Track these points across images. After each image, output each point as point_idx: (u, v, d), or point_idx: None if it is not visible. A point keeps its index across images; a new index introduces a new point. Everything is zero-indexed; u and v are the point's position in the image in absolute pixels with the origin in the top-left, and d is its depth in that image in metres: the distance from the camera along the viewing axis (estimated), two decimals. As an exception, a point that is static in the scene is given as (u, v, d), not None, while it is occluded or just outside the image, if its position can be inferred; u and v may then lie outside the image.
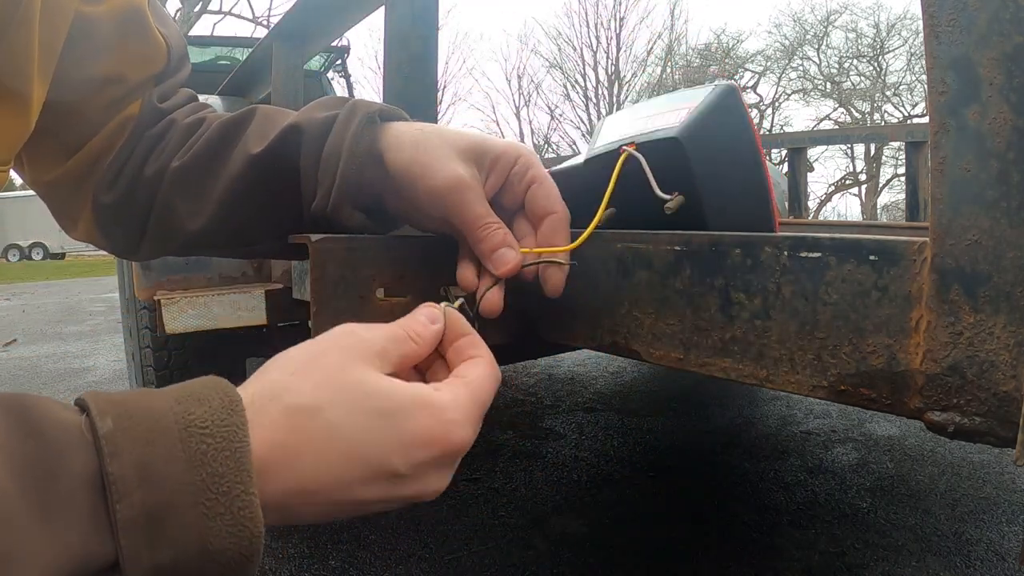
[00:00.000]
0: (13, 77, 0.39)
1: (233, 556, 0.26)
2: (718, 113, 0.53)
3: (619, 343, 0.46)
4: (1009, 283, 0.29)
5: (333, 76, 4.17)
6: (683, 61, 18.55)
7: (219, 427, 0.27)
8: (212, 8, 13.34)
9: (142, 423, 0.26)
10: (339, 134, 0.46)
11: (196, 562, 0.25)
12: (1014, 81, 0.28)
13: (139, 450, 0.25)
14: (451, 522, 1.43)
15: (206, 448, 0.26)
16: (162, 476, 0.25)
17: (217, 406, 0.27)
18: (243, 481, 0.26)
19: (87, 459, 0.25)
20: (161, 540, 0.25)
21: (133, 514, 0.24)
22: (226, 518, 0.26)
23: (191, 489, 0.25)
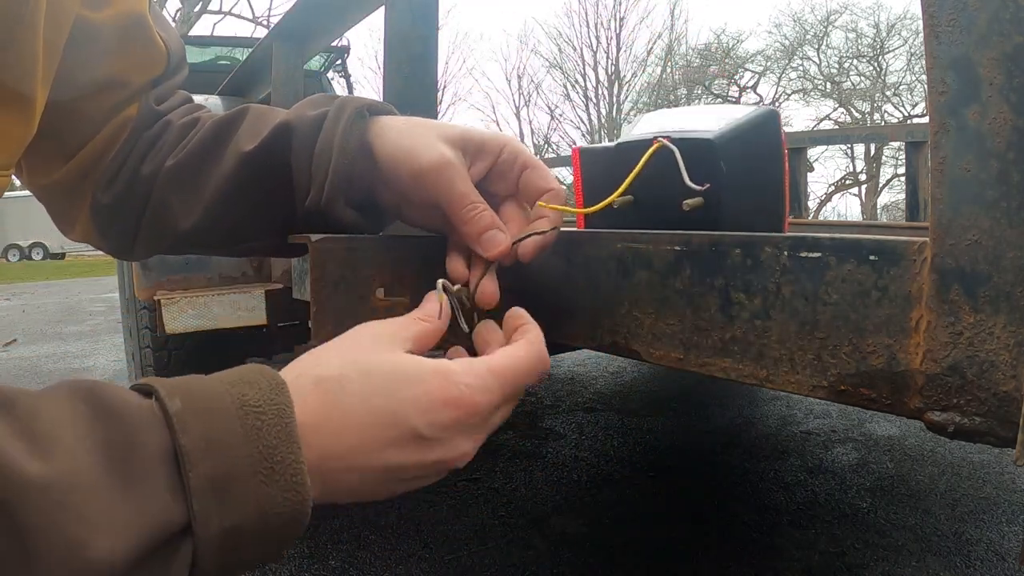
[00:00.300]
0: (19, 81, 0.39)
1: (287, 518, 0.29)
2: (756, 131, 0.56)
3: (619, 343, 0.46)
4: (1009, 283, 0.29)
5: (333, 76, 4.17)
6: (683, 61, 18.55)
7: (269, 405, 0.30)
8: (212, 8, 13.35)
9: (205, 403, 0.29)
10: (330, 130, 0.47)
11: (257, 524, 0.29)
12: (1014, 81, 0.28)
13: (204, 425, 0.28)
14: (451, 522, 1.43)
15: (260, 424, 0.29)
16: (225, 448, 0.28)
17: (266, 388, 0.31)
18: (293, 452, 0.30)
19: (161, 435, 0.28)
20: (227, 505, 0.28)
21: (203, 482, 0.27)
22: (280, 484, 0.29)
23: (249, 460, 0.29)
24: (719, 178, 0.52)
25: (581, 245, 0.48)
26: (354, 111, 0.47)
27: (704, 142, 0.53)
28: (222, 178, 0.50)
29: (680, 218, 0.52)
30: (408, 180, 0.46)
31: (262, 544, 0.30)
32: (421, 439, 0.34)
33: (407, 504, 1.52)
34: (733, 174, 0.53)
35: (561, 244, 0.50)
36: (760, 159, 0.57)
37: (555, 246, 0.50)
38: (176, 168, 0.52)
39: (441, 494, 1.57)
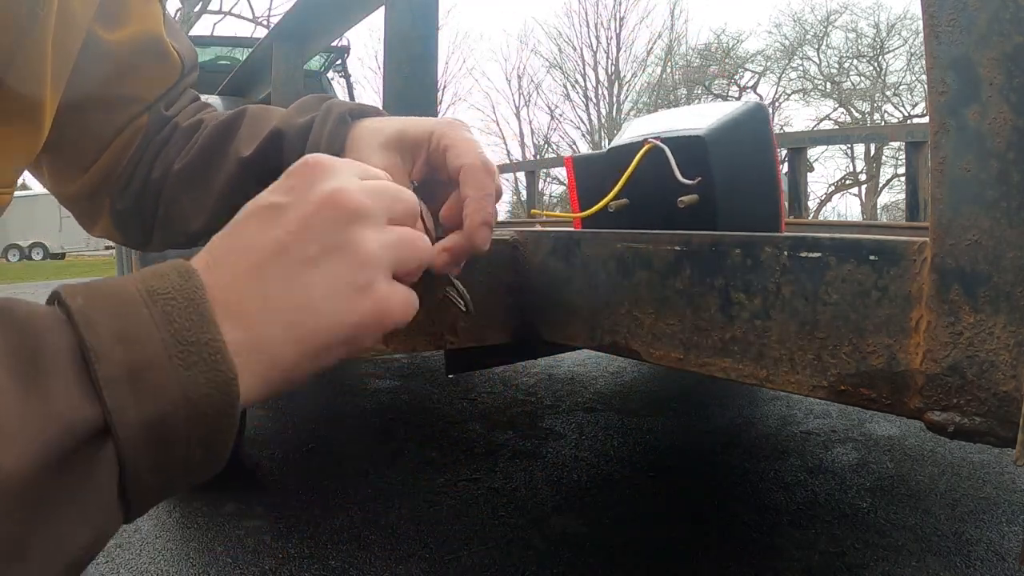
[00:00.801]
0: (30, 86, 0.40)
1: (215, 401, 0.28)
2: (745, 124, 0.57)
3: (619, 343, 0.46)
4: (1009, 283, 0.29)
5: (333, 76, 4.17)
6: (683, 61, 18.55)
7: (179, 291, 0.29)
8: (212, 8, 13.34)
9: (110, 297, 0.28)
10: (316, 137, 0.48)
11: (182, 411, 0.27)
12: (1014, 81, 0.28)
13: (110, 319, 0.27)
14: (451, 522, 1.43)
15: (170, 309, 0.28)
16: (135, 336, 0.27)
17: (175, 276, 0.29)
18: (209, 330, 0.28)
19: (65, 334, 0.26)
20: (144, 395, 0.26)
21: (114, 372, 0.26)
22: (200, 366, 0.28)
23: (163, 345, 0.27)
24: (712, 172, 0.53)
25: (581, 245, 0.48)
26: (337, 117, 0.48)
27: (694, 139, 0.54)
28: (225, 181, 0.52)
29: (676, 217, 0.53)
30: None
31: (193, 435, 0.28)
32: (278, 207, 0.32)
33: (407, 504, 1.52)
34: (725, 167, 0.54)
35: (561, 244, 0.50)
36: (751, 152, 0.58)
37: (555, 246, 0.50)
38: (183, 171, 0.54)
39: (441, 494, 1.57)
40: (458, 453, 1.86)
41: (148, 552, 1.31)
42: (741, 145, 0.56)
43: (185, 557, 1.28)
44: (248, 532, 1.38)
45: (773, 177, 0.58)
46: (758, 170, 0.58)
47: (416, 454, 1.86)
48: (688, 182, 0.49)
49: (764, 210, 0.58)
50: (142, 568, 1.25)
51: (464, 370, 0.73)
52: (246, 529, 1.39)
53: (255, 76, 2.08)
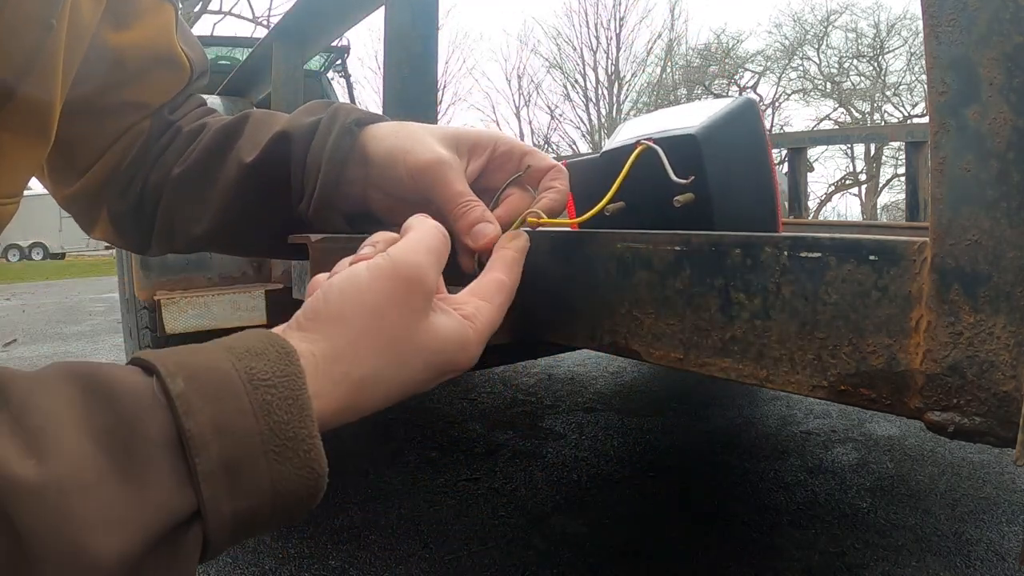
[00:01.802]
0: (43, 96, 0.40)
1: (302, 496, 0.29)
2: (736, 121, 0.56)
3: (619, 343, 0.46)
4: (1009, 283, 0.29)
5: (333, 76, 4.17)
6: (683, 61, 18.56)
7: (279, 378, 0.28)
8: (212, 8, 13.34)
9: (210, 382, 0.27)
10: (321, 139, 0.48)
11: (269, 505, 0.28)
12: (1014, 81, 0.28)
13: (211, 407, 0.27)
14: (451, 522, 1.43)
15: (270, 399, 0.28)
16: (234, 429, 0.27)
17: (274, 359, 0.29)
18: (306, 426, 0.28)
19: (163, 420, 0.26)
20: (238, 488, 0.27)
21: (212, 467, 0.26)
22: (294, 462, 0.28)
23: (260, 439, 0.27)
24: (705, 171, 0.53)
25: (581, 245, 0.48)
26: (345, 123, 0.48)
27: (686, 138, 0.54)
28: (226, 187, 0.51)
29: (672, 217, 0.53)
30: (406, 178, 0.46)
31: (275, 521, 0.29)
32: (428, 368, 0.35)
33: (407, 504, 1.52)
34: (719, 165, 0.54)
35: (561, 244, 0.50)
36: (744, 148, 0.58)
37: (555, 246, 0.50)
38: (182, 176, 0.53)
39: (441, 494, 1.57)
40: (458, 453, 1.86)
41: (148, 552, 1.31)
42: (734, 142, 0.56)
43: (185, 557, 1.29)
44: (248, 532, 1.38)
45: (768, 172, 0.58)
46: (753, 166, 0.58)
47: (416, 454, 1.86)
48: (681, 181, 0.49)
49: (761, 205, 0.58)
50: None
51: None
52: (246, 529, 1.40)
53: (255, 76, 2.08)
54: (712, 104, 0.58)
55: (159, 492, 0.25)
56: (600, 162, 0.61)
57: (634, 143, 0.55)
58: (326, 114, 0.49)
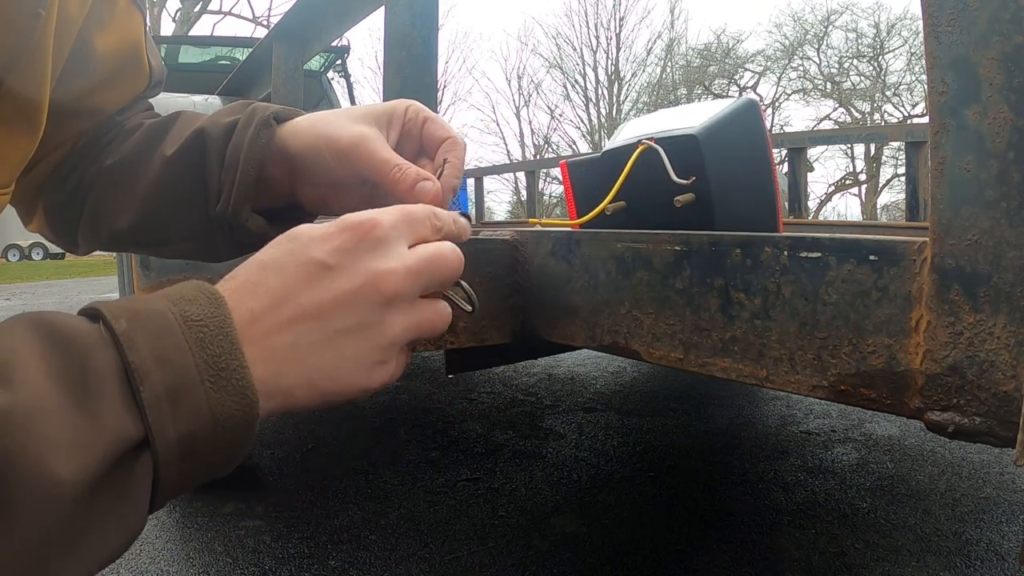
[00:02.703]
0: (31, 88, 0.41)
1: (238, 422, 0.31)
2: (737, 121, 0.57)
3: (619, 343, 0.46)
4: (1009, 283, 0.29)
5: (333, 76, 4.17)
6: (683, 61, 18.55)
7: (210, 318, 0.31)
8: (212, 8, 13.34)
9: (150, 321, 0.30)
10: (239, 138, 0.48)
11: (210, 429, 0.30)
12: (1014, 81, 0.28)
13: (151, 342, 0.29)
14: (451, 522, 1.43)
15: (203, 336, 0.31)
16: (173, 361, 0.29)
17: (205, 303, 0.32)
18: (237, 358, 0.31)
19: (111, 356, 0.29)
20: (180, 414, 0.29)
21: (156, 394, 0.29)
22: (228, 390, 0.30)
23: (197, 370, 0.30)
24: (706, 171, 0.53)
25: (581, 245, 0.48)
26: (261, 119, 0.48)
27: (687, 138, 0.54)
28: (151, 181, 0.52)
29: (673, 217, 0.53)
30: (334, 163, 0.47)
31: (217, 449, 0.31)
32: (324, 266, 0.34)
33: (407, 504, 1.52)
34: (720, 165, 0.54)
35: (561, 244, 0.50)
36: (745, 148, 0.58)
37: (555, 246, 0.50)
38: (112, 168, 0.54)
39: (441, 494, 1.57)
40: (458, 453, 1.86)
41: (148, 552, 1.31)
42: (735, 142, 0.56)
43: (185, 557, 1.28)
44: (248, 532, 1.38)
45: (768, 172, 0.58)
46: (753, 166, 0.58)
47: (416, 454, 1.86)
48: (682, 182, 0.49)
49: (761, 206, 0.58)
50: (142, 568, 1.25)
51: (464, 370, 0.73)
52: (246, 529, 1.39)
53: (255, 76, 2.08)
54: (713, 104, 0.58)
55: (111, 418, 0.27)
56: (601, 161, 0.61)
57: (635, 143, 0.55)
58: (244, 113, 0.50)
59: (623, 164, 0.53)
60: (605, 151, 0.61)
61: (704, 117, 0.56)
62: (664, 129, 0.57)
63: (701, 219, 0.52)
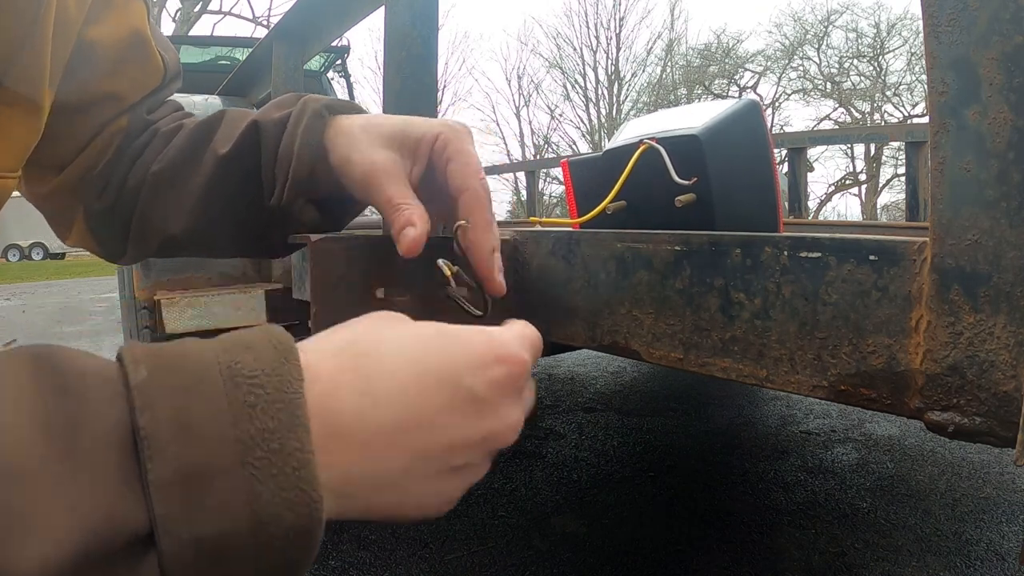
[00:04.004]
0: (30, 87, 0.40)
1: (290, 527, 0.22)
2: (739, 122, 0.56)
3: (619, 343, 0.46)
4: (1009, 283, 0.29)
5: (333, 76, 4.16)
6: (683, 61, 18.56)
7: (270, 376, 0.23)
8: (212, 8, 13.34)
9: (181, 372, 0.22)
10: (291, 131, 0.48)
11: (245, 534, 0.22)
12: (1014, 81, 0.28)
13: (176, 402, 0.22)
14: (451, 522, 1.43)
15: (254, 400, 0.22)
16: (202, 431, 0.22)
17: (268, 353, 0.24)
18: (298, 437, 0.23)
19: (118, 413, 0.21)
20: (202, 506, 0.21)
21: (167, 473, 0.21)
22: (279, 479, 0.22)
23: (237, 447, 0.22)
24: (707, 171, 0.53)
25: (581, 245, 0.48)
26: (313, 112, 0.48)
27: (689, 138, 0.54)
28: (202, 181, 0.51)
29: (674, 217, 0.53)
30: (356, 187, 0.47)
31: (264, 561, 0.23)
32: (476, 400, 0.28)
33: (407, 504, 1.52)
34: (721, 166, 0.54)
35: (561, 244, 0.50)
36: (746, 149, 0.58)
37: (555, 246, 0.50)
38: (160, 174, 0.53)
39: (441, 494, 1.57)
40: (458, 453, 1.86)
41: (148, 552, 1.31)
42: (736, 143, 0.56)
43: (185, 557, 1.29)
44: (248, 532, 1.38)
45: (770, 174, 0.58)
46: (755, 167, 0.58)
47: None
48: (684, 182, 0.49)
49: (762, 207, 0.58)
50: None
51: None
52: (246, 529, 1.40)
53: (255, 76, 2.08)
54: (715, 105, 0.58)
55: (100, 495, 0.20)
56: (602, 161, 0.61)
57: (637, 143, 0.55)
58: (296, 106, 0.49)
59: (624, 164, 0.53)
60: (606, 150, 0.61)
61: (706, 117, 0.56)
62: (665, 129, 0.57)
63: (702, 219, 0.52)
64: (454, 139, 0.45)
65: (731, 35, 21.05)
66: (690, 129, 0.55)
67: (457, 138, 0.46)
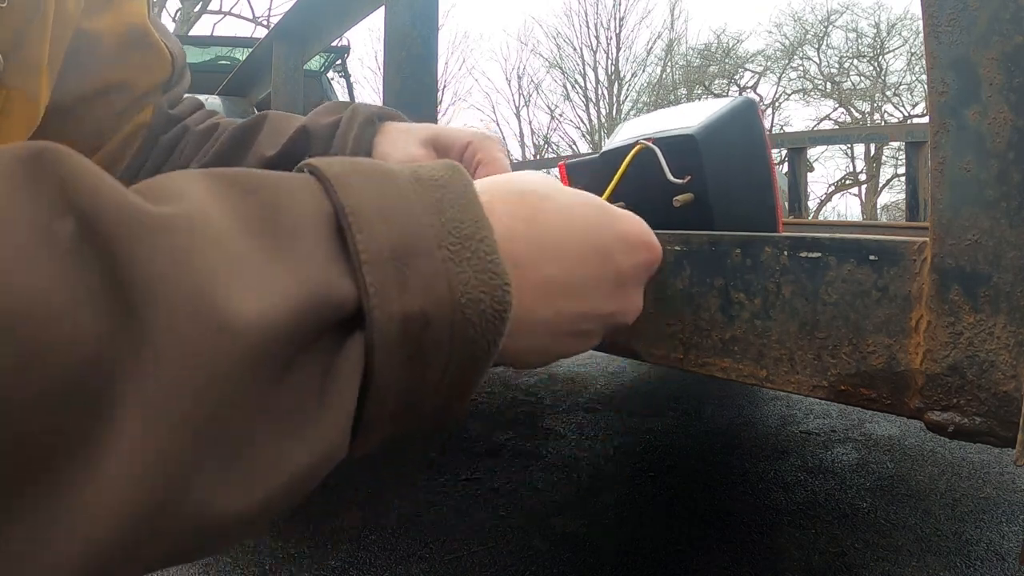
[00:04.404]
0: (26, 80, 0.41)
1: (485, 308, 0.23)
2: (735, 121, 0.56)
3: (619, 343, 0.46)
4: (1009, 283, 0.29)
5: (333, 76, 4.17)
6: (683, 61, 18.57)
7: (450, 180, 0.24)
8: (212, 8, 13.35)
9: (371, 170, 0.23)
10: (343, 136, 0.49)
11: (447, 312, 0.22)
12: (1014, 81, 0.28)
13: (374, 189, 0.22)
14: (451, 522, 1.43)
15: (440, 196, 0.24)
16: (401, 215, 0.22)
17: (441, 168, 0.25)
18: (483, 228, 0.24)
19: (317, 200, 0.22)
20: (408, 283, 0.21)
21: (378, 247, 0.21)
22: (473, 263, 0.23)
23: (432, 232, 0.22)
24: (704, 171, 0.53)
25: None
26: (364, 118, 0.49)
27: (686, 138, 0.54)
28: None
29: (672, 217, 0.53)
30: None
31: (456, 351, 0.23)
32: (620, 277, 0.31)
33: (407, 504, 1.52)
34: (718, 165, 0.54)
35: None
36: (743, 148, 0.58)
37: None
38: None
39: (441, 494, 1.57)
40: (458, 453, 1.86)
41: (148, 552, 1.31)
42: (733, 142, 0.57)
43: (185, 557, 1.29)
44: (248, 532, 1.38)
45: (767, 172, 0.59)
46: (752, 165, 0.58)
47: (416, 454, 1.86)
48: (678, 181, 0.49)
49: (760, 205, 0.58)
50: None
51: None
52: (246, 529, 1.40)
53: (255, 76, 2.09)
54: (711, 104, 0.58)
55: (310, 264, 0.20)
56: (600, 162, 0.61)
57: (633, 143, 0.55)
58: (346, 112, 0.50)
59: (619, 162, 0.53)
60: (603, 152, 0.61)
61: (702, 117, 0.56)
62: (662, 129, 0.57)
63: (700, 219, 0.52)
64: (485, 145, 0.48)
65: (731, 35, 21.07)
66: (686, 129, 0.55)
67: (488, 145, 0.48)
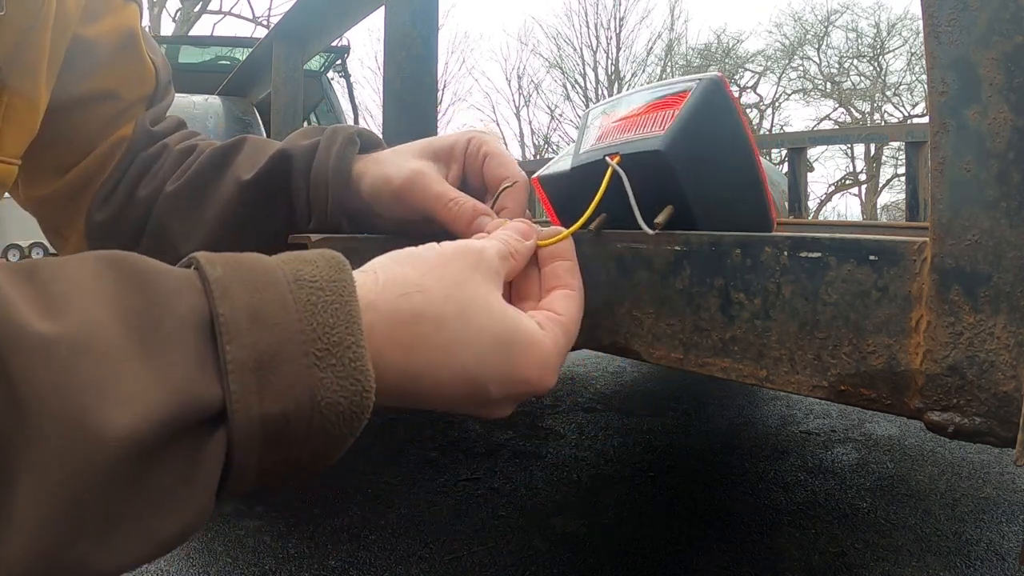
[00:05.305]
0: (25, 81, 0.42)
1: (343, 411, 0.25)
2: (704, 114, 0.50)
3: (619, 343, 0.46)
4: (1009, 283, 0.29)
5: (333, 76, 4.17)
6: (683, 61, 18.57)
7: (328, 282, 0.26)
8: (212, 8, 13.35)
9: (252, 273, 0.25)
10: (323, 158, 0.48)
11: (306, 414, 0.24)
12: (1014, 81, 0.28)
13: (249, 296, 0.24)
14: (451, 522, 1.43)
15: (316, 300, 0.25)
16: (272, 321, 0.24)
17: (324, 266, 0.27)
18: (353, 333, 0.26)
19: (195, 302, 0.24)
20: (271, 388, 0.24)
21: (244, 356, 0.23)
22: (337, 369, 0.25)
23: (301, 338, 0.24)
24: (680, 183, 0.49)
25: (581, 245, 0.48)
26: (346, 136, 0.49)
27: (652, 153, 0.49)
28: (221, 205, 0.51)
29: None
30: (393, 204, 0.47)
31: (310, 441, 0.25)
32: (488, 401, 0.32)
33: (407, 504, 1.52)
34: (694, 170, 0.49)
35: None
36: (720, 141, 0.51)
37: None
38: (176, 194, 0.53)
39: (441, 494, 1.57)
40: (458, 453, 1.86)
41: (148, 552, 1.31)
42: (706, 133, 0.50)
43: (185, 557, 1.29)
44: (248, 532, 1.38)
45: (751, 163, 0.53)
46: (733, 156, 0.52)
47: (416, 454, 1.86)
48: (649, 231, 0.44)
49: (748, 203, 0.53)
50: (141, 567, 1.25)
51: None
52: (246, 529, 1.40)
53: (255, 76, 2.09)
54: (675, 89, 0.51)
55: (180, 373, 0.22)
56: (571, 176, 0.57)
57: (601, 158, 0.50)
58: (324, 135, 0.49)
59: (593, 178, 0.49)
60: (573, 167, 0.56)
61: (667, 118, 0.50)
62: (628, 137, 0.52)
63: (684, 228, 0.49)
64: (488, 140, 0.48)
65: (731, 35, 21.08)
66: (651, 143, 0.49)
67: (490, 140, 0.48)
